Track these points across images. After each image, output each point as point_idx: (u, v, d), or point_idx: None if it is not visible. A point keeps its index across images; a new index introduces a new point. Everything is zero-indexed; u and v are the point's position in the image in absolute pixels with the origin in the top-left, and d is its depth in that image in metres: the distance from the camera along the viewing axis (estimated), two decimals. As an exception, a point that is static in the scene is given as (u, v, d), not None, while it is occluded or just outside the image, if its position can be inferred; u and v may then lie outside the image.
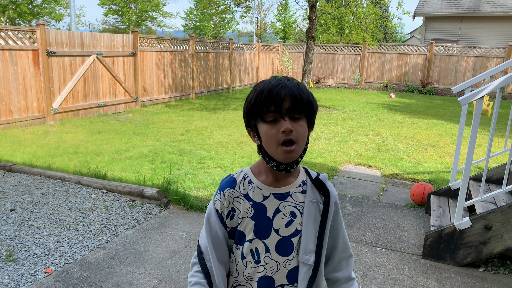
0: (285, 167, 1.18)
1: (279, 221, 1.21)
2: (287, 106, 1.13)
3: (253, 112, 1.17)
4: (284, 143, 1.13)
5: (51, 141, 6.98)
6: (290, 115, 1.14)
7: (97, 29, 39.31)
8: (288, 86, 1.14)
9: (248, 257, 1.23)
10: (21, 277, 2.92)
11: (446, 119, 10.27)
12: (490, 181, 4.21)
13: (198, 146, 6.93)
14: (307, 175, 1.27)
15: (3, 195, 4.46)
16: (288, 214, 1.21)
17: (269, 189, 1.22)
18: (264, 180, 1.23)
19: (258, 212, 1.22)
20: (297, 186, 1.23)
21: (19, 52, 7.85)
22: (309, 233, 1.20)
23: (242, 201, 1.23)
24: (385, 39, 48.09)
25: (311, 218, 1.21)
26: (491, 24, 20.18)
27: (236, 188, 1.24)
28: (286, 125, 1.12)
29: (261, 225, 1.21)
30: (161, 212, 4.19)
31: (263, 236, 1.21)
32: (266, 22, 47.44)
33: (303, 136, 1.16)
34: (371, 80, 17.83)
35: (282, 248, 1.21)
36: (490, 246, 3.14)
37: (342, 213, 4.28)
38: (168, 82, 12.05)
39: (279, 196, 1.22)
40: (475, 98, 3.12)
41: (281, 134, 1.13)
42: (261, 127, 1.16)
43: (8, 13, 24.80)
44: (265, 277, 1.22)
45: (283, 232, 1.21)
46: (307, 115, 1.18)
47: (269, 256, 1.21)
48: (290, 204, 1.21)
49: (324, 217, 1.22)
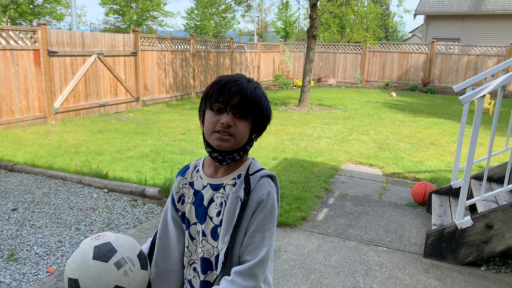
0: (216, 156, 1.25)
1: (212, 210, 1.28)
2: (234, 102, 1.19)
3: (205, 98, 1.25)
4: (219, 131, 1.20)
5: (53, 141, 6.99)
6: (235, 112, 1.20)
7: (98, 28, 39.33)
8: (242, 85, 1.20)
9: (196, 237, 1.33)
10: (23, 277, 2.93)
11: (447, 118, 10.26)
12: (491, 180, 4.21)
13: (199, 145, 6.93)
14: (247, 170, 1.28)
15: (5, 195, 4.47)
16: (218, 204, 1.27)
17: (207, 179, 1.31)
18: (206, 171, 1.33)
19: (198, 200, 1.32)
20: (231, 178, 1.27)
21: (20, 52, 7.86)
22: (227, 225, 1.23)
23: (188, 189, 1.35)
24: (386, 38, 48.02)
25: (230, 211, 1.23)
26: (493, 22, 20.13)
27: (185, 175, 1.37)
28: (226, 118, 1.19)
29: (199, 212, 1.31)
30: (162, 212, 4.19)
31: (201, 221, 1.31)
32: (267, 21, 47.42)
33: (241, 134, 1.22)
34: (372, 79, 17.81)
35: (214, 235, 1.28)
36: (491, 245, 3.14)
37: (343, 212, 4.28)
38: (169, 82, 12.05)
39: (213, 187, 1.29)
40: (476, 97, 3.12)
41: (219, 124, 1.20)
42: (207, 113, 1.24)
43: (9, 13, 24.83)
44: (203, 258, 1.31)
45: (215, 220, 1.28)
46: (253, 117, 1.23)
47: (206, 240, 1.30)
48: (221, 195, 1.27)
49: (240, 212, 1.22)
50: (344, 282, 2.99)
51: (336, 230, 3.86)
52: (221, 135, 1.20)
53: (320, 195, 4.71)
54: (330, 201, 4.59)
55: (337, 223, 4.02)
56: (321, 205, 4.47)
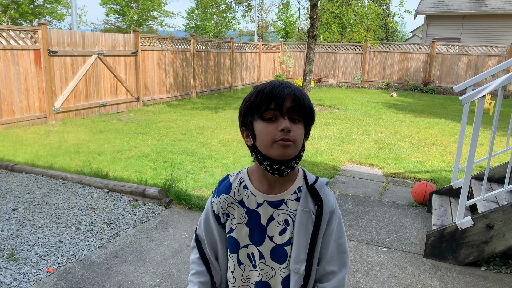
0: (278, 167, 1.13)
1: (273, 228, 1.20)
2: (288, 105, 1.11)
3: (251, 110, 1.15)
4: (283, 139, 1.11)
5: (53, 141, 6.99)
6: (290, 115, 1.12)
7: (99, 28, 39.34)
8: (291, 87, 1.14)
9: (246, 261, 1.24)
10: (23, 277, 2.93)
11: (447, 118, 10.25)
12: (492, 180, 4.20)
13: (199, 145, 6.93)
14: (305, 181, 1.23)
15: (5, 194, 4.47)
16: (282, 222, 1.19)
17: (263, 196, 1.20)
18: (259, 187, 1.21)
19: (252, 219, 1.21)
20: (291, 193, 1.20)
21: (21, 52, 7.87)
22: (300, 242, 1.17)
23: (236, 208, 1.23)
24: (386, 38, 48.00)
25: (303, 227, 1.17)
26: (493, 22, 20.12)
27: (231, 193, 1.23)
28: (285, 123, 1.10)
29: (255, 232, 1.21)
30: (163, 212, 4.20)
31: (257, 243, 1.21)
32: (267, 21, 47.41)
33: (299, 139, 1.14)
34: (373, 79, 17.81)
35: (277, 255, 1.20)
36: (492, 245, 3.14)
37: (344, 212, 4.27)
38: (170, 82, 12.06)
39: (273, 204, 1.20)
40: (476, 97, 3.11)
41: (279, 132, 1.10)
42: (257, 124, 1.14)
43: (9, 13, 24.84)
44: (261, 281, 1.23)
45: (277, 240, 1.20)
46: (305, 121, 1.17)
47: (264, 262, 1.21)
48: (284, 212, 1.19)
49: (316, 227, 1.18)
50: (344, 282, 2.99)
51: (336, 230, 3.85)
52: (284, 142, 1.10)
53: (321, 195, 4.71)
54: (330, 201, 4.58)
55: (338, 223, 4.01)
56: (321, 205, 4.46)
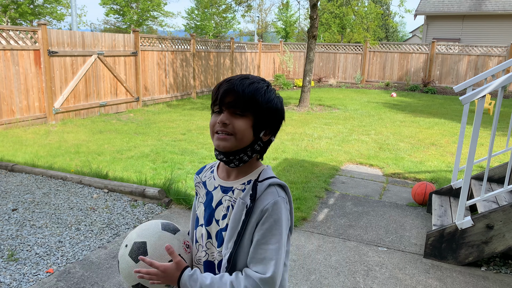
0: (221, 157, 1.24)
1: (219, 212, 1.27)
2: (227, 100, 1.19)
3: (211, 102, 1.27)
4: (218, 132, 1.21)
5: (53, 141, 6.99)
6: (231, 110, 1.20)
7: (98, 28, 39.33)
8: (234, 83, 1.20)
9: (200, 240, 1.32)
10: (23, 277, 2.93)
11: (447, 118, 10.25)
12: (492, 180, 4.20)
13: (199, 145, 6.93)
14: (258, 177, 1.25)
15: (5, 195, 4.47)
16: (225, 208, 1.26)
17: (219, 181, 1.31)
18: (220, 173, 1.33)
19: (207, 200, 1.32)
20: (241, 183, 1.26)
21: (21, 52, 7.87)
22: (231, 230, 1.21)
23: (201, 187, 1.36)
24: (386, 38, 48.00)
25: (236, 217, 1.20)
26: (493, 22, 20.12)
27: (200, 174, 1.39)
28: (221, 117, 1.20)
29: (206, 212, 1.31)
30: (163, 212, 4.19)
31: (207, 223, 1.30)
32: (267, 21, 47.41)
33: (241, 131, 1.19)
34: (373, 79, 17.80)
35: (219, 238, 1.26)
36: (492, 245, 3.14)
37: (344, 212, 4.27)
38: (170, 82, 12.05)
39: (223, 189, 1.28)
40: (476, 97, 3.11)
41: (217, 124, 1.21)
42: (211, 116, 1.27)
43: (9, 13, 24.84)
44: (207, 261, 1.29)
45: (220, 223, 1.27)
46: (254, 113, 1.20)
47: (211, 242, 1.29)
48: (229, 198, 1.26)
49: (245, 220, 1.19)
50: (344, 283, 2.99)
51: (336, 230, 3.86)
52: (219, 135, 1.21)
53: (320, 196, 4.71)
54: (330, 202, 4.58)
55: (337, 223, 4.01)
56: (321, 205, 4.46)
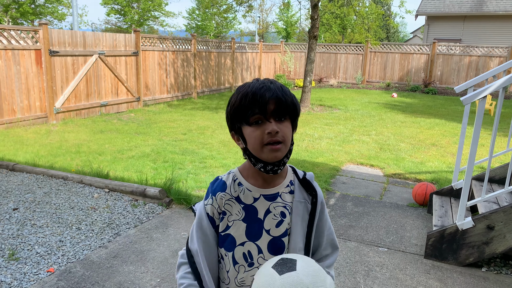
0: (272, 168, 1.18)
1: (270, 221, 1.22)
2: (271, 108, 1.14)
3: (237, 115, 1.17)
4: (270, 143, 1.15)
5: (54, 141, 7.00)
6: (275, 117, 1.16)
7: (100, 28, 39.37)
8: (272, 89, 1.16)
9: (241, 261, 1.23)
10: (24, 276, 2.93)
11: (448, 118, 10.25)
12: (492, 181, 4.20)
13: (200, 145, 6.93)
14: (295, 175, 1.30)
15: (6, 194, 4.47)
16: (278, 214, 1.22)
17: (258, 190, 1.23)
18: (254, 182, 1.24)
19: (249, 214, 1.23)
20: (285, 186, 1.25)
21: (22, 51, 7.88)
22: (297, 232, 1.22)
23: (233, 204, 1.24)
24: (387, 38, 47.98)
25: (299, 217, 1.23)
26: (494, 23, 20.10)
27: (227, 191, 1.25)
28: (272, 126, 1.14)
29: (252, 227, 1.22)
30: (163, 212, 4.20)
31: (254, 238, 1.22)
32: (268, 21, 47.41)
33: (288, 136, 1.18)
34: (373, 80, 17.80)
35: (274, 248, 1.22)
36: (492, 246, 3.13)
37: (344, 213, 4.28)
38: (170, 82, 12.06)
39: (268, 197, 1.23)
40: (477, 98, 3.11)
41: (266, 136, 1.14)
42: (245, 129, 1.17)
43: (10, 13, 24.87)
44: None
45: (274, 232, 1.22)
46: (291, 116, 1.20)
47: (262, 257, 1.22)
48: (279, 204, 1.23)
49: (311, 216, 1.23)
50: (344, 283, 2.99)
51: (337, 230, 3.86)
52: (272, 146, 1.14)
53: (321, 196, 4.71)
54: (331, 202, 4.58)
55: (338, 223, 4.01)
56: (322, 205, 4.46)
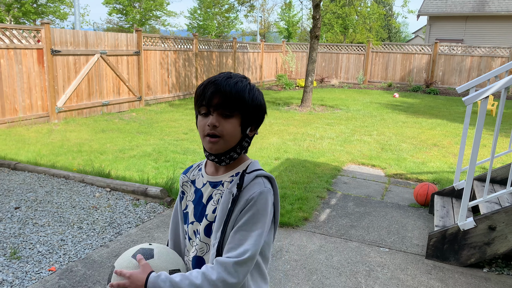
0: (213, 158, 1.26)
1: (210, 207, 1.29)
2: (215, 102, 1.19)
3: (195, 103, 1.26)
4: (209, 135, 1.21)
5: (55, 140, 7.01)
6: (219, 111, 1.20)
7: (101, 28, 39.42)
8: (220, 84, 1.19)
9: (193, 237, 1.33)
10: (26, 275, 2.94)
11: (450, 119, 10.23)
12: (494, 181, 4.20)
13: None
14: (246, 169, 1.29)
15: (8, 193, 4.48)
16: (216, 201, 1.28)
17: (207, 177, 1.33)
18: (207, 170, 1.35)
19: (197, 198, 1.33)
20: (229, 176, 1.28)
21: (24, 51, 7.89)
22: (219, 220, 1.24)
23: (189, 186, 1.38)
24: (389, 38, 47.93)
25: (223, 206, 1.23)
26: (496, 23, 20.07)
27: (187, 174, 1.41)
28: (211, 120, 1.20)
29: (197, 210, 1.32)
30: (165, 211, 4.20)
31: (199, 220, 1.31)
32: (270, 21, 47.41)
33: (230, 132, 1.21)
34: (375, 80, 17.78)
35: (208, 232, 1.28)
36: (494, 246, 3.13)
37: (346, 213, 4.27)
38: (172, 81, 12.07)
39: (212, 184, 1.30)
40: (479, 98, 3.11)
41: (207, 127, 1.21)
42: (198, 118, 1.27)
43: (13, 12, 24.91)
44: (197, 256, 1.31)
45: (210, 217, 1.28)
46: (241, 113, 1.22)
47: (199, 238, 1.30)
48: (219, 192, 1.28)
49: (231, 207, 1.22)
50: (346, 283, 2.99)
51: (338, 230, 3.86)
52: (210, 138, 1.21)
53: (322, 196, 4.71)
54: (332, 202, 4.58)
55: (339, 223, 4.01)
56: (323, 205, 4.46)
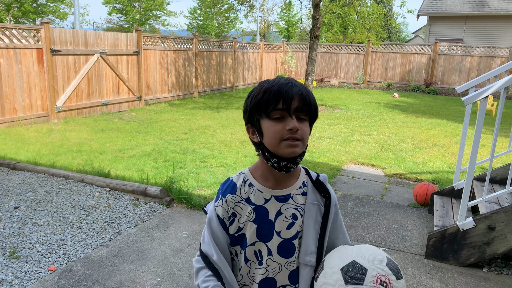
0: (286, 164, 1.16)
1: (281, 223, 1.21)
2: (295, 105, 1.13)
3: (258, 108, 1.16)
4: (290, 138, 1.13)
5: (55, 139, 7.01)
6: (298, 114, 1.14)
7: (101, 27, 39.40)
8: (297, 86, 1.16)
9: (252, 258, 1.23)
10: (25, 274, 2.94)
11: (449, 119, 10.24)
12: (494, 181, 4.20)
13: (201, 145, 6.93)
14: (308, 176, 1.27)
15: (7, 192, 4.48)
16: (289, 216, 1.21)
17: (270, 191, 1.21)
18: (265, 183, 1.22)
19: (260, 216, 1.21)
20: (297, 188, 1.23)
21: (24, 50, 7.88)
22: (310, 234, 1.20)
23: (243, 206, 1.23)
24: (389, 38, 47.94)
25: (312, 220, 1.20)
26: (496, 23, 20.07)
27: (237, 193, 1.24)
28: (294, 123, 1.12)
29: (263, 228, 1.21)
30: (164, 211, 4.20)
31: (265, 239, 1.21)
32: (269, 21, 47.41)
33: (306, 137, 1.16)
34: (375, 80, 17.79)
35: (284, 250, 1.21)
36: (493, 246, 3.13)
37: (345, 212, 4.27)
38: (172, 81, 12.07)
39: (280, 199, 1.21)
40: (479, 98, 3.11)
41: (286, 132, 1.12)
42: (265, 123, 1.15)
43: (12, 12, 24.90)
44: (267, 278, 1.23)
45: (284, 234, 1.21)
46: (311, 117, 1.19)
47: (271, 258, 1.21)
48: (291, 206, 1.21)
49: (325, 219, 1.21)
50: (345, 283, 2.99)
51: (337, 230, 3.85)
52: (290, 141, 1.13)
53: (322, 196, 4.70)
54: (331, 202, 4.58)
55: (339, 223, 4.01)
56: (322, 205, 4.46)
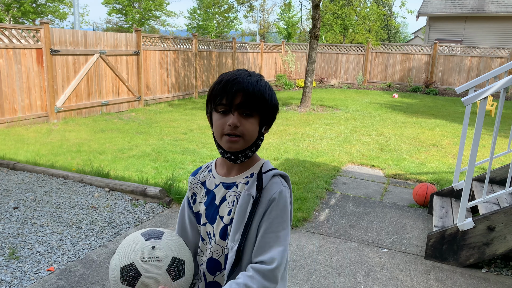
0: (229, 156, 1.23)
1: (224, 208, 1.27)
2: (237, 102, 1.16)
3: (209, 100, 1.23)
4: (229, 134, 1.18)
5: (54, 140, 7.00)
6: (240, 111, 1.17)
7: (101, 28, 39.40)
8: (243, 82, 1.17)
9: (206, 238, 1.32)
10: (24, 275, 2.94)
11: (449, 119, 10.24)
12: (493, 181, 4.20)
13: (200, 145, 6.93)
14: (260, 169, 1.27)
15: (7, 193, 4.48)
16: (230, 202, 1.26)
17: (220, 178, 1.30)
18: (220, 170, 1.32)
19: (209, 199, 1.31)
20: (244, 177, 1.26)
21: (23, 50, 7.88)
22: (237, 222, 1.21)
23: (199, 188, 1.35)
24: (388, 39, 47.97)
25: (242, 208, 1.21)
26: (495, 24, 20.08)
27: (197, 175, 1.37)
28: (233, 119, 1.17)
29: (210, 211, 1.30)
30: (164, 211, 4.20)
31: (211, 221, 1.30)
32: (269, 21, 47.42)
33: (250, 132, 1.20)
34: (374, 80, 17.79)
35: (223, 234, 1.26)
36: (493, 247, 3.13)
37: (345, 213, 4.27)
38: (171, 81, 12.06)
39: (226, 185, 1.28)
40: (479, 99, 3.11)
41: (227, 126, 1.18)
42: (214, 115, 1.23)
43: (12, 12, 24.89)
44: (211, 258, 1.29)
45: (225, 220, 1.26)
46: (261, 113, 1.21)
47: (215, 241, 1.28)
48: (234, 193, 1.26)
49: (252, 210, 1.20)
50: (344, 283, 2.99)
51: (337, 231, 3.86)
52: (230, 137, 1.18)
53: (322, 196, 4.71)
54: (331, 202, 4.58)
55: (338, 224, 4.01)
56: (322, 205, 4.46)
